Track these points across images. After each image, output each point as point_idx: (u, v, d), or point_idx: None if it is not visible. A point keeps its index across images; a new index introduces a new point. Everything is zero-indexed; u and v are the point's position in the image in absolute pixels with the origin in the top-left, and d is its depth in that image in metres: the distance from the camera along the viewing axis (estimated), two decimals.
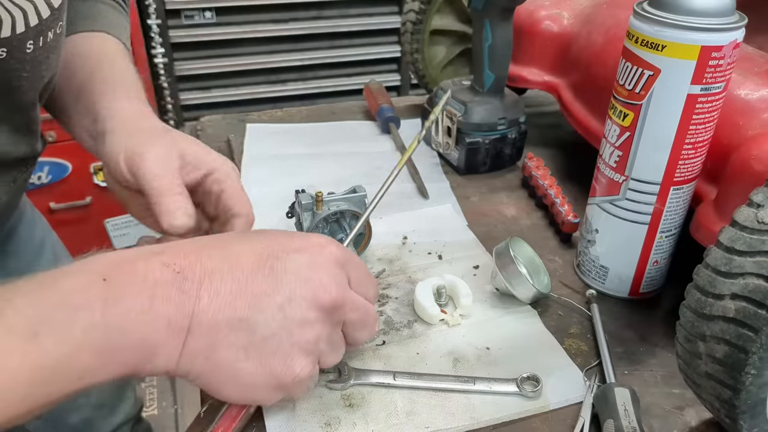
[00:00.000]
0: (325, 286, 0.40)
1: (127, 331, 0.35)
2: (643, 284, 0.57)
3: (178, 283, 0.37)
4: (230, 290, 0.38)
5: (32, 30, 0.47)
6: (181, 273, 0.37)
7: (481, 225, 0.68)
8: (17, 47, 0.46)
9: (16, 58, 0.47)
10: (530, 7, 0.79)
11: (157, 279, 0.36)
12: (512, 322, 0.54)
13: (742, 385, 0.36)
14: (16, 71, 0.48)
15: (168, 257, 0.37)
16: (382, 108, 0.88)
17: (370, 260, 0.62)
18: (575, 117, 0.73)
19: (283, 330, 0.39)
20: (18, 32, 0.46)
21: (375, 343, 0.52)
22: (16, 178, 0.57)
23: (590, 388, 0.47)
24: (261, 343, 0.38)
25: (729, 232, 0.36)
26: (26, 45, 0.47)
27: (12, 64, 0.47)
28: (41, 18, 0.47)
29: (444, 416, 0.45)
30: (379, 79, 2.08)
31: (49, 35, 0.49)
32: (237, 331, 0.38)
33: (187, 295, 0.37)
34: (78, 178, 1.95)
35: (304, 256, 0.41)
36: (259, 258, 0.40)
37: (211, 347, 0.37)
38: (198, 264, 0.38)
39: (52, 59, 0.52)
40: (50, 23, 0.49)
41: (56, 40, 0.51)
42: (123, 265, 0.36)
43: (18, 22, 0.45)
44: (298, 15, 2.02)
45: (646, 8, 0.47)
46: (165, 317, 0.36)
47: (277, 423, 0.44)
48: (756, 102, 0.52)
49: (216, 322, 0.37)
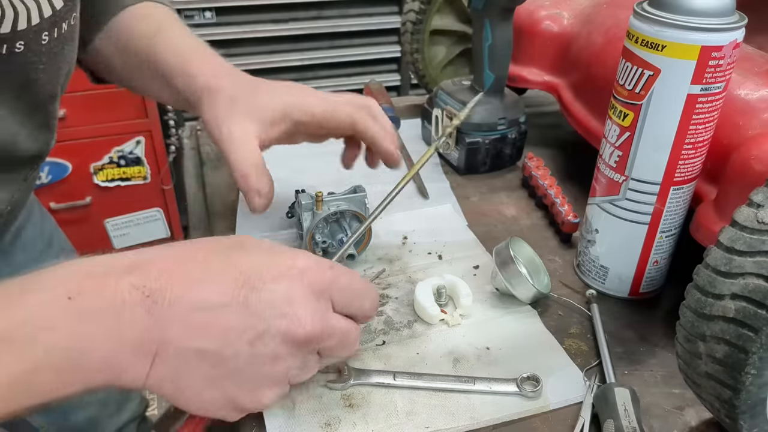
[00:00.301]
0: (300, 320, 0.38)
1: (90, 352, 0.34)
2: (643, 284, 0.57)
3: (147, 307, 0.35)
4: (200, 321, 0.36)
5: (46, 21, 0.47)
6: (150, 297, 0.35)
7: (481, 225, 0.68)
8: (33, 39, 0.47)
9: (33, 50, 0.47)
10: (530, 7, 0.79)
11: (125, 300, 0.35)
12: (512, 322, 0.54)
13: (742, 385, 0.36)
14: (34, 64, 0.48)
15: (138, 278, 0.36)
16: (382, 108, 0.88)
17: (370, 260, 0.62)
18: (575, 117, 0.73)
19: (251, 365, 0.37)
20: (33, 24, 0.46)
21: (375, 343, 0.52)
22: (27, 177, 0.57)
23: (590, 388, 0.47)
24: (227, 375, 0.37)
25: (729, 232, 0.36)
26: (42, 37, 0.47)
27: (29, 57, 0.47)
28: (55, 9, 0.47)
29: (444, 416, 0.45)
30: (379, 79, 2.08)
31: (63, 26, 0.49)
32: (203, 362, 0.37)
33: (155, 320, 0.35)
34: (78, 178, 1.96)
35: (282, 287, 0.38)
36: (234, 286, 0.37)
37: (177, 374, 0.37)
38: (168, 289, 0.36)
39: (67, 50, 0.52)
40: (64, 14, 0.49)
41: (71, 30, 0.51)
42: (89, 282, 0.35)
43: (33, 13, 0.45)
44: (298, 15, 2.02)
45: (646, 8, 0.47)
46: (131, 342, 0.35)
47: (277, 423, 0.44)
48: (756, 102, 0.52)
49: (183, 350, 0.36)
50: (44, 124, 0.55)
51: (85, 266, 0.36)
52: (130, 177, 2.03)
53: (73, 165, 1.93)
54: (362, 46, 2.14)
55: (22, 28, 0.45)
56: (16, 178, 0.55)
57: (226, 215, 0.69)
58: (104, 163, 1.98)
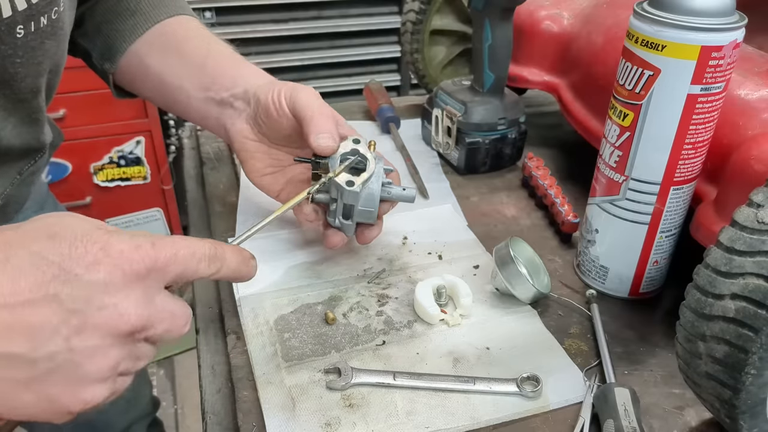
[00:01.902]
0: (121, 312, 0.34)
1: None
2: (643, 284, 0.57)
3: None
4: (5, 321, 0.32)
5: (20, 14, 0.47)
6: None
7: (481, 225, 0.68)
8: (6, 32, 0.46)
9: (7, 43, 0.47)
10: (530, 7, 0.79)
11: None
12: (512, 322, 0.54)
13: (742, 385, 0.36)
14: (10, 57, 0.48)
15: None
16: (382, 108, 0.88)
17: (369, 260, 0.62)
18: (575, 117, 0.73)
19: (68, 363, 0.34)
20: (4, 16, 0.45)
21: (375, 343, 0.52)
22: (22, 171, 0.57)
23: (590, 388, 0.47)
24: (43, 377, 0.34)
25: (729, 232, 0.36)
26: (16, 30, 0.47)
27: (4, 50, 0.47)
28: (30, 3, 0.47)
29: (444, 416, 0.45)
30: (379, 79, 2.08)
31: (42, 20, 0.49)
32: (13, 366, 0.33)
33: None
34: (78, 178, 1.96)
35: (99, 276, 0.34)
36: (41, 280, 0.33)
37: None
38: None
39: (49, 45, 0.52)
40: (42, 8, 0.48)
41: (52, 25, 0.51)
42: None
43: (3, 6, 0.45)
44: (298, 15, 2.02)
45: (646, 8, 0.47)
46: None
47: (277, 423, 0.44)
48: (756, 102, 0.52)
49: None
50: (29, 119, 0.54)
51: None
52: (130, 177, 2.03)
53: (73, 165, 1.92)
54: (362, 46, 2.14)
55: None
56: (7, 171, 0.55)
57: (226, 215, 0.69)
58: (104, 163, 1.98)
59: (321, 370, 0.48)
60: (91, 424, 0.81)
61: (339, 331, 0.53)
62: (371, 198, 0.55)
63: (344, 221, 0.56)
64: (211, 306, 0.58)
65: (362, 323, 0.54)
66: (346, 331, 0.53)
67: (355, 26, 2.08)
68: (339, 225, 0.56)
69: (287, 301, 0.56)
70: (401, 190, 0.57)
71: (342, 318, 0.54)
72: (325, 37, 2.08)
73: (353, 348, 0.51)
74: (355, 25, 2.08)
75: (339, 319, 0.54)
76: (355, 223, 0.56)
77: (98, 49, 0.64)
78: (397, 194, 0.57)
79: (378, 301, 0.56)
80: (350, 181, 0.53)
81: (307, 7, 2.02)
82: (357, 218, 0.56)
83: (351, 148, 0.55)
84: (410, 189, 0.57)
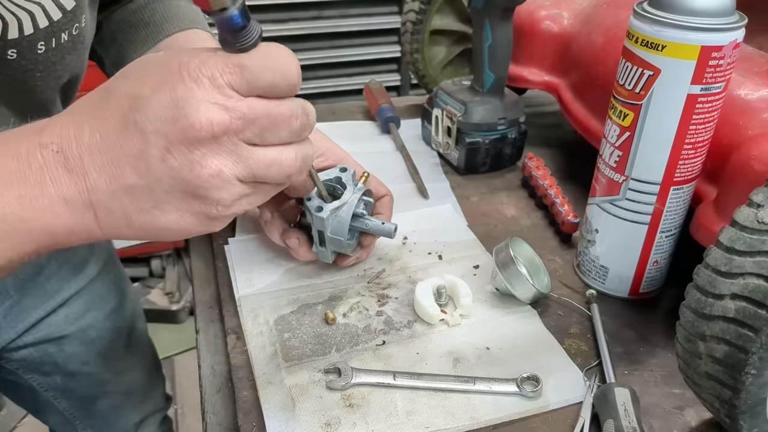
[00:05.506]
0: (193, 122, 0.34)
1: (25, 219, 0.35)
2: (643, 284, 0.57)
3: (61, 163, 0.35)
4: (110, 160, 0.35)
5: (42, 32, 0.48)
6: (60, 152, 0.35)
7: (481, 225, 0.68)
8: (27, 48, 0.47)
9: (28, 59, 0.48)
10: (530, 7, 0.79)
11: (40, 163, 0.35)
12: (512, 322, 0.54)
13: (742, 385, 0.36)
14: (30, 71, 0.49)
15: (46, 136, 0.35)
16: (382, 108, 0.88)
17: (369, 260, 0.62)
18: (575, 117, 0.73)
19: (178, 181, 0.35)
20: (26, 34, 0.47)
21: (375, 343, 0.52)
22: None
23: (590, 388, 0.47)
24: (167, 198, 0.36)
25: (729, 232, 0.36)
26: (37, 46, 0.48)
27: (24, 65, 0.48)
28: (51, 20, 0.48)
29: (444, 416, 0.45)
30: (379, 79, 2.08)
31: (63, 36, 0.50)
32: (138, 196, 0.35)
33: (74, 174, 0.35)
34: None
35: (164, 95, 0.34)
36: (122, 115, 0.35)
37: (125, 216, 0.36)
38: (73, 140, 0.35)
39: (70, 60, 0.53)
40: (63, 25, 0.50)
41: (72, 41, 0.52)
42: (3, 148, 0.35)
43: (25, 24, 0.46)
44: (298, 15, 2.02)
45: (646, 8, 0.47)
46: (60, 199, 0.35)
47: (277, 423, 0.44)
48: (756, 102, 0.52)
49: (113, 192, 0.35)
50: None
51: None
52: None
53: None
54: (362, 46, 2.14)
55: (13, 37, 0.46)
56: None
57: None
58: None
59: (321, 370, 0.48)
60: (106, 416, 0.82)
61: (339, 331, 0.53)
62: (341, 226, 0.54)
63: (319, 247, 0.56)
64: (211, 306, 0.58)
65: (362, 323, 0.54)
66: (346, 331, 0.53)
67: (355, 26, 2.08)
68: (316, 251, 0.57)
69: (287, 301, 0.56)
70: (379, 224, 0.57)
71: (342, 318, 0.54)
72: (325, 37, 2.09)
73: (353, 348, 0.51)
74: (355, 25, 2.08)
75: (339, 319, 0.54)
76: (329, 250, 0.56)
77: (111, 58, 0.65)
78: (375, 227, 0.57)
79: (378, 301, 0.56)
80: (320, 206, 0.54)
81: (307, 7, 2.02)
82: (329, 245, 0.56)
83: (335, 176, 0.56)
84: (389, 224, 0.57)
